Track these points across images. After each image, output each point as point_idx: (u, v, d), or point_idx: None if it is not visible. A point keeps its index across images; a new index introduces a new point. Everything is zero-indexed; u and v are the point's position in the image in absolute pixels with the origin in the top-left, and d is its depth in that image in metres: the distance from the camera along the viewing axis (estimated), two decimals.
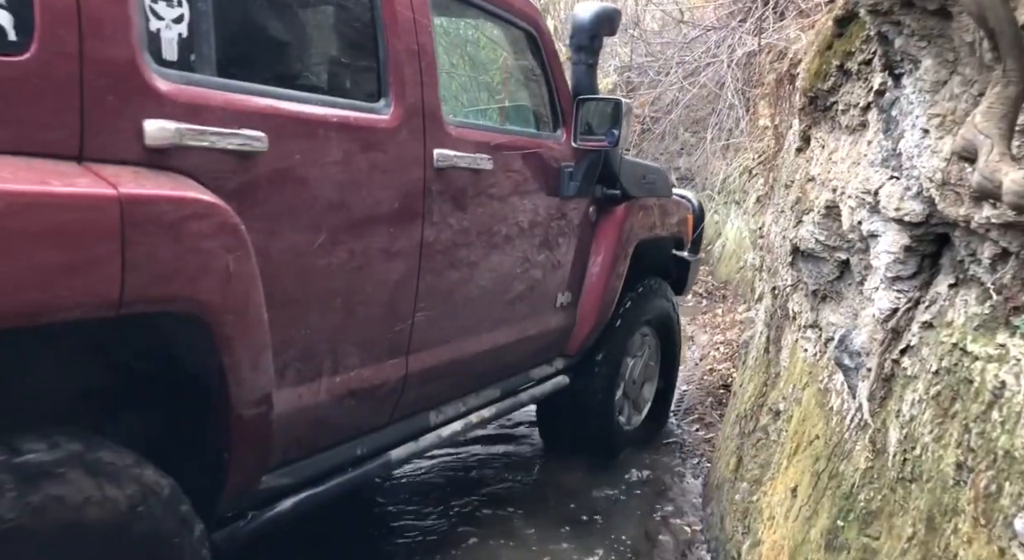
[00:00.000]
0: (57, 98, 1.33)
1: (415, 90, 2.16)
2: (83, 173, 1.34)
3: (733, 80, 6.71)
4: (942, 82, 1.56)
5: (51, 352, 1.44)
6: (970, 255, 1.52)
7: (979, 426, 1.36)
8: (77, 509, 1.27)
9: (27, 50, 1.28)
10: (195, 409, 1.65)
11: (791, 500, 2.17)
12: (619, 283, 3.29)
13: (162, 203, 1.41)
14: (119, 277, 1.33)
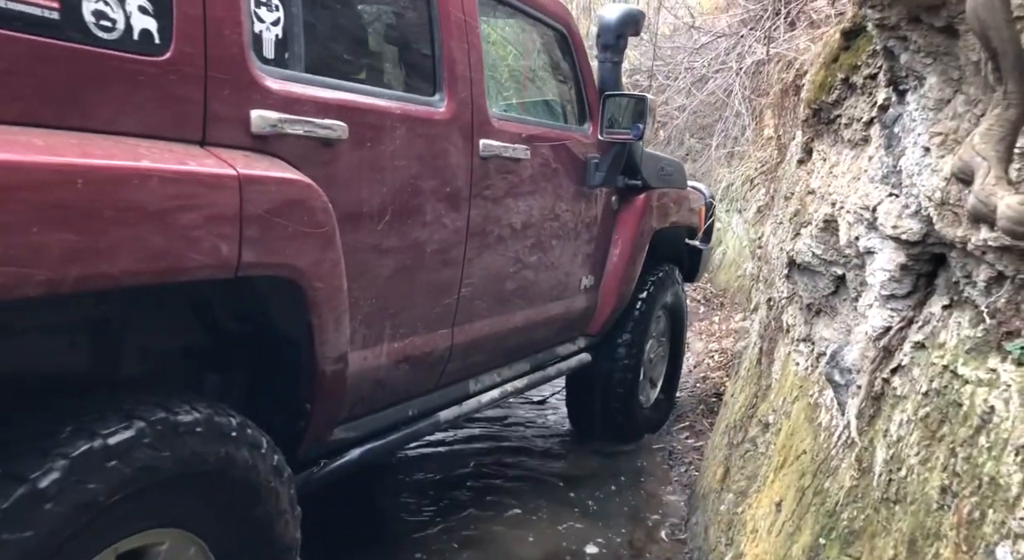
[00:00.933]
0: (188, 91, 1.54)
1: (465, 85, 2.38)
2: (207, 155, 1.56)
3: (741, 88, 6.69)
4: (946, 100, 1.54)
5: (163, 314, 1.67)
6: (965, 277, 1.50)
7: (966, 451, 1.34)
8: (207, 460, 1.52)
9: (167, 51, 1.50)
10: (284, 365, 1.86)
11: (775, 514, 2.16)
12: (638, 269, 3.54)
13: (270, 182, 1.63)
14: (238, 244, 1.55)
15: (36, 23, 1.30)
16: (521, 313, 2.88)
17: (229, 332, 1.83)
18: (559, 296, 3.13)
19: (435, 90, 2.32)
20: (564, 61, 3.22)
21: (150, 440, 1.41)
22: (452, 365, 2.54)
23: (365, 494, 3.20)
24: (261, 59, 1.74)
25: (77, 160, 1.30)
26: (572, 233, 3.12)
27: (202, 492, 1.56)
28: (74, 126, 1.36)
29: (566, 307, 3.21)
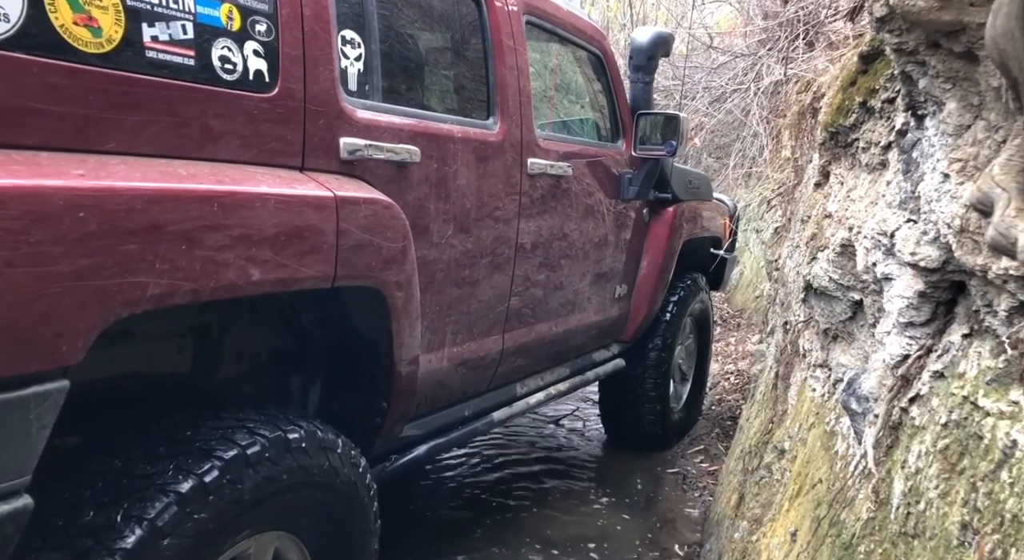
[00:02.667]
0: (291, 123, 1.74)
1: (515, 108, 2.58)
2: (308, 180, 1.75)
3: (759, 108, 6.66)
4: (966, 126, 1.52)
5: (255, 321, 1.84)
6: (986, 306, 1.47)
7: (987, 485, 1.30)
8: (310, 471, 1.72)
9: (275, 88, 1.70)
10: (364, 367, 2.04)
11: (790, 544, 2.11)
12: (668, 278, 3.73)
13: (360, 203, 1.83)
14: (334, 257, 1.74)
15: (177, 69, 1.52)
16: (562, 320, 3.06)
17: (312, 337, 2.01)
18: (596, 304, 3.31)
19: (488, 114, 2.53)
20: (599, 81, 3.41)
21: (271, 455, 1.62)
22: (502, 369, 2.73)
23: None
24: (347, 91, 1.94)
25: (214, 187, 1.50)
26: (608, 244, 3.31)
27: (303, 498, 1.74)
28: (204, 156, 1.56)
29: (602, 314, 3.39)
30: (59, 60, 1.33)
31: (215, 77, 1.58)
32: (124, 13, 1.43)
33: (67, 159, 1.33)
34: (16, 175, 1.21)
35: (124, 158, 1.42)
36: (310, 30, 1.79)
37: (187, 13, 1.54)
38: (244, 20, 1.65)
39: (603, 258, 3.29)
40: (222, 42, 1.60)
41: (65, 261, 1.24)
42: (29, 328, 1.20)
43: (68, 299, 1.25)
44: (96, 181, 1.32)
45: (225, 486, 1.52)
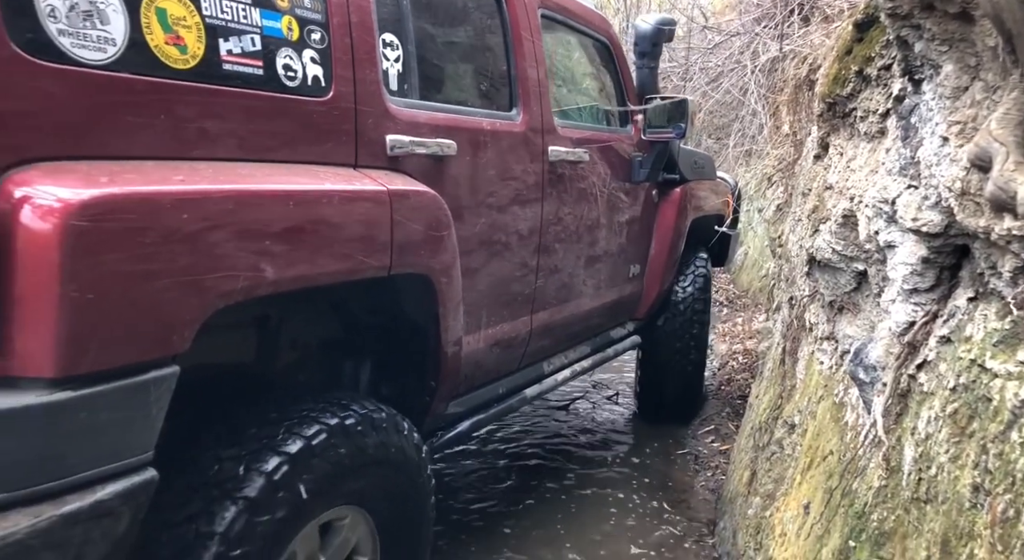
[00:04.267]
0: (344, 124, 1.87)
1: (535, 99, 2.70)
2: (363, 176, 1.88)
3: (756, 86, 6.62)
4: (963, 88, 1.50)
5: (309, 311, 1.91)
6: (990, 268, 1.46)
7: (997, 447, 1.30)
8: (382, 447, 1.86)
9: (329, 92, 1.84)
10: (413, 350, 2.16)
11: (803, 517, 2.11)
12: (678, 256, 3.86)
13: (410, 195, 1.95)
14: (390, 248, 1.86)
15: (249, 79, 1.65)
16: (584, 300, 3.18)
17: (362, 324, 2.10)
18: (613, 284, 3.44)
19: (512, 105, 2.65)
20: (608, 68, 3.53)
21: (362, 429, 1.80)
22: (530, 348, 2.85)
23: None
24: (390, 91, 2.07)
25: (290, 187, 1.64)
26: (623, 226, 3.43)
27: (377, 474, 1.88)
28: (273, 158, 1.69)
29: (619, 293, 3.52)
30: (154, 77, 1.47)
31: (280, 84, 1.73)
32: (204, 30, 1.57)
33: (166, 166, 1.47)
34: (131, 183, 1.36)
35: (209, 163, 1.56)
36: (357, 36, 1.93)
37: (255, 27, 1.68)
38: (302, 30, 1.79)
39: (618, 239, 3.41)
40: (284, 51, 1.75)
41: (174, 259, 1.39)
42: (147, 320, 1.36)
43: (177, 293, 1.40)
44: (194, 185, 1.46)
45: (328, 450, 1.70)
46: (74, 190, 1.27)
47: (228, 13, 1.61)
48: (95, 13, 1.38)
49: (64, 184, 1.27)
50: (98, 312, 1.28)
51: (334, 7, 1.86)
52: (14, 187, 1.25)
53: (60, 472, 1.27)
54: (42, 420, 1.24)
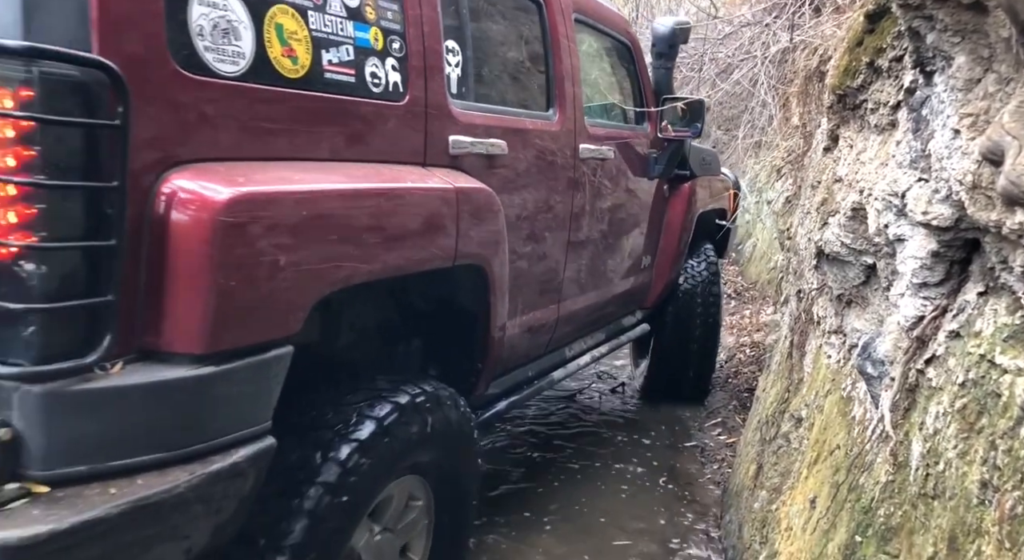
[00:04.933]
0: (416, 125, 2.04)
1: (570, 100, 2.87)
2: (432, 174, 2.06)
3: (766, 77, 6.56)
4: (976, 80, 1.48)
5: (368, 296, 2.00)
6: (1001, 262, 1.44)
7: (1006, 443, 1.29)
8: (445, 423, 2.03)
9: (405, 97, 2.01)
10: (463, 334, 2.31)
11: (809, 511, 2.10)
12: (686, 248, 4.04)
13: (471, 192, 2.14)
14: (455, 240, 2.04)
15: (344, 86, 1.82)
16: (603, 289, 3.35)
17: (416, 309, 2.22)
18: (628, 274, 3.62)
19: (548, 106, 2.82)
20: (629, 68, 3.72)
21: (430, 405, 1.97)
22: (556, 334, 3.01)
23: None
24: (451, 95, 2.22)
25: (382, 184, 1.83)
26: (639, 219, 3.63)
27: (437, 446, 2.03)
28: (362, 158, 1.85)
29: (632, 283, 3.70)
30: (273, 86, 1.63)
31: (368, 90, 1.89)
32: (311, 43, 1.73)
33: (283, 166, 1.63)
34: (261, 182, 1.53)
35: (315, 163, 1.72)
36: (428, 44, 2.10)
37: (349, 38, 1.84)
38: (385, 40, 1.96)
39: (635, 232, 3.60)
40: (372, 60, 1.91)
41: (295, 250, 1.56)
42: (272, 305, 1.54)
43: (296, 281, 1.58)
44: (310, 184, 1.63)
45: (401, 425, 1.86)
46: (219, 189, 1.43)
47: (329, 26, 1.78)
48: (231, 30, 1.55)
49: (211, 184, 1.43)
50: (236, 297, 1.46)
51: (411, 18, 2.03)
52: (170, 187, 1.41)
53: (205, 436, 1.46)
54: (193, 390, 1.42)
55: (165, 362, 1.41)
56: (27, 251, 1.26)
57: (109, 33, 1.32)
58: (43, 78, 1.24)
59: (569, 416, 4.32)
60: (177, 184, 1.41)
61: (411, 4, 2.05)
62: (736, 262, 8.97)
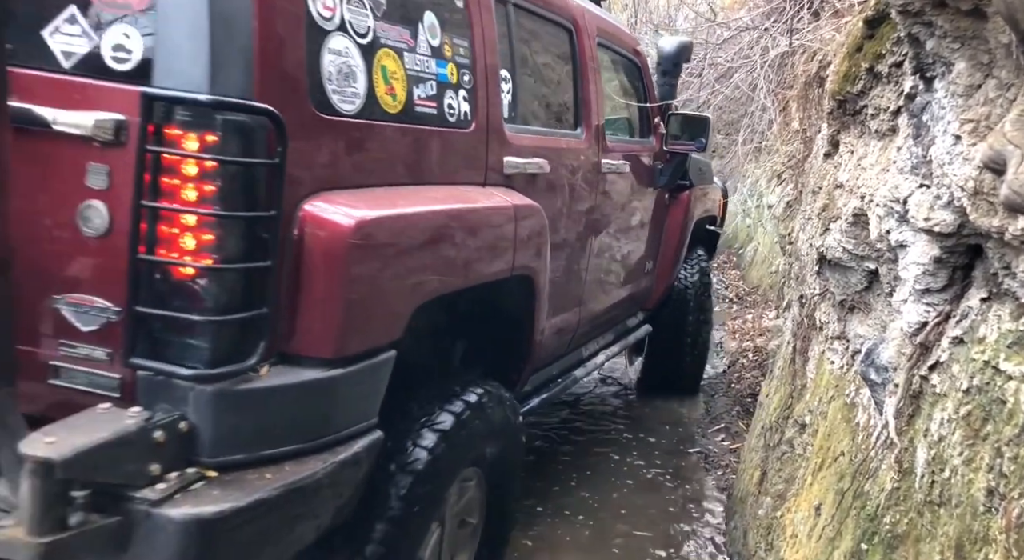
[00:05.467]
0: (479, 150, 2.25)
1: (594, 119, 3.10)
2: (491, 194, 2.25)
3: (766, 82, 6.56)
4: (976, 86, 1.48)
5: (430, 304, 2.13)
6: (1004, 268, 1.44)
7: (1012, 450, 1.28)
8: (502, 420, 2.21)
9: (472, 124, 2.21)
10: (508, 337, 2.48)
11: (815, 518, 2.10)
12: (684, 253, 4.29)
13: (524, 208, 2.33)
14: (512, 253, 2.24)
15: (428, 118, 2.01)
16: (615, 292, 3.56)
17: (465, 313, 2.32)
18: (635, 278, 3.82)
19: (577, 124, 3.05)
20: (638, 85, 3.95)
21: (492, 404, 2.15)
22: (577, 335, 3.18)
23: None
24: (504, 119, 2.41)
25: (463, 205, 2.06)
26: (644, 226, 3.83)
27: (494, 439, 2.20)
28: (439, 181, 2.05)
29: (638, 287, 3.90)
30: (378, 120, 1.83)
31: (445, 120, 2.08)
32: (406, 80, 1.93)
33: (388, 191, 1.83)
34: (377, 207, 1.72)
35: (406, 188, 1.92)
36: (490, 75, 2.31)
37: (433, 74, 2.04)
38: (458, 74, 2.16)
39: (642, 239, 3.81)
40: (448, 93, 2.10)
41: (402, 265, 1.79)
42: (383, 314, 1.75)
43: (401, 292, 1.79)
44: (412, 207, 1.86)
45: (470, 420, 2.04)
46: (348, 215, 1.63)
47: (419, 65, 1.99)
48: (350, 74, 1.75)
49: (340, 210, 1.63)
50: (358, 308, 1.67)
51: (477, 53, 2.24)
52: (306, 214, 1.59)
53: (333, 429, 1.67)
54: (325, 389, 1.63)
55: (300, 365, 1.60)
56: (204, 271, 1.45)
57: (267, 84, 1.53)
58: (224, 124, 1.44)
59: (568, 420, 4.31)
60: (312, 211, 1.60)
61: (477, 41, 2.25)
62: (738, 266, 8.96)
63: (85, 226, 1.50)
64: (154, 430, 1.41)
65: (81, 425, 1.37)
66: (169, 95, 1.42)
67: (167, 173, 1.44)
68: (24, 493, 1.27)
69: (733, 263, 9.21)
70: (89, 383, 1.52)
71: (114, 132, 1.45)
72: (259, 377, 1.53)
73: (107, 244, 1.49)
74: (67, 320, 1.53)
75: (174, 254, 1.45)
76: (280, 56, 1.57)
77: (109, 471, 1.35)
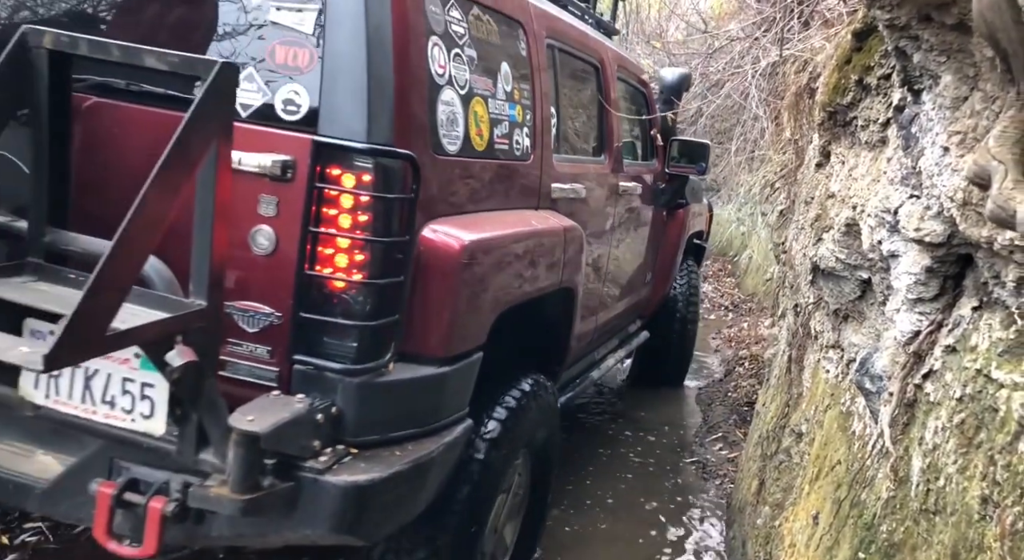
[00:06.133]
0: (534, 179, 2.55)
1: (614, 144, 3.46)
2: (544, 217, 2.55)
3: (758, 91, 6.61)
4: (963, 98, 1.51)
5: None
6: (994, 277, 1.46)
7: (1005, 458, 1.30)
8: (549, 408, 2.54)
9: (531, 157, 2.54)
10: (547, 342, 2.79)
11: (812, 528, 2.10)
12: (678, 266, 4.71)
13: (569, 229, 2.64)
14: (561, 269, 2.56)
15: (501, 153, 2.33)
16: (623, 301, 3.85)
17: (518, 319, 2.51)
18: (637, 288, 4.12)
19: (601, 151, 3.39)
20: (642, 112, 4.29)
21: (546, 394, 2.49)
22: (593, 340, 3.46)
23: None
24: (551, 149, 2.70)
25: (532, 227, 2.39)
26: (649, 242, 4.15)
27: (543, 425, 2.50)
28: (507, 207, 2.36)
29: (639, 296, 4.21)
30: (470, 158, 2.16)
31: (513, 155, 2.41)
32: (489, 122, 2.26)
33: (476, 218, 2.14)
34: (475, 230, 2.05)
35: (487, 214, 2.23)
36: (544, 113, 2.62)
37: (506, 116, 2.37)
38: (523, 114, 2.48)
39: (645, 253, 4.11)
40: (516, 131, 2.42)
41: (492, 279, 2.11)
42: (477, 321, 2.07)
43: (490, 303, 2.11)
44: (495, 231, 2.17)
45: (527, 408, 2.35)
46: (458, 237, 1.96)
47: (497, 109, 2.31)
48: (454, 119, 2.07)
49: (451, 234, 1.95)
50: (463, 315, 1.99)
51: (536, 94, 2.57)
52: (426, 236, 1.90)
53: (440, 417, 1.98)
54: (437, 383, 1.94)
55: (417, 362, 1.90)
56: (354, 285, 1.76)
57: (402, 133, 1.84)
58: (376, 166, 1.76)
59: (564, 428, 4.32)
60: (429, 236, 1.92)
61: (536, 83, 2.60)
62: (732, 274, 8.99)
63: (255, 246, 1.79)
64: (316, 413, 1.71)
65: (266, 407, 1.66)
66: (337, 143, 1.75)
67: (328, 204, 1.75)
68: (231, 459, 1.57)
69: (728, 271, 9.24)
70: (251, 374, 1.81)
71: (283, 170, 1.76)
72: (388, 372, 1.84)
73: (272, 261, 1.79)
74: (235, 322, 1.80)
75: (328, 270, 1.76)
76: (411, 109, 1.89)
77: (290, 443, 1.65)
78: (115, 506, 1.64)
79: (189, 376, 1.52)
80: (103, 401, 1.71)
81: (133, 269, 1.41)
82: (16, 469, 1.80)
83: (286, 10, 1.83)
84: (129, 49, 1.59)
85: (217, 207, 1.53)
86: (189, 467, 1.66)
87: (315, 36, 1.80)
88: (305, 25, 1.81)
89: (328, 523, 1.71)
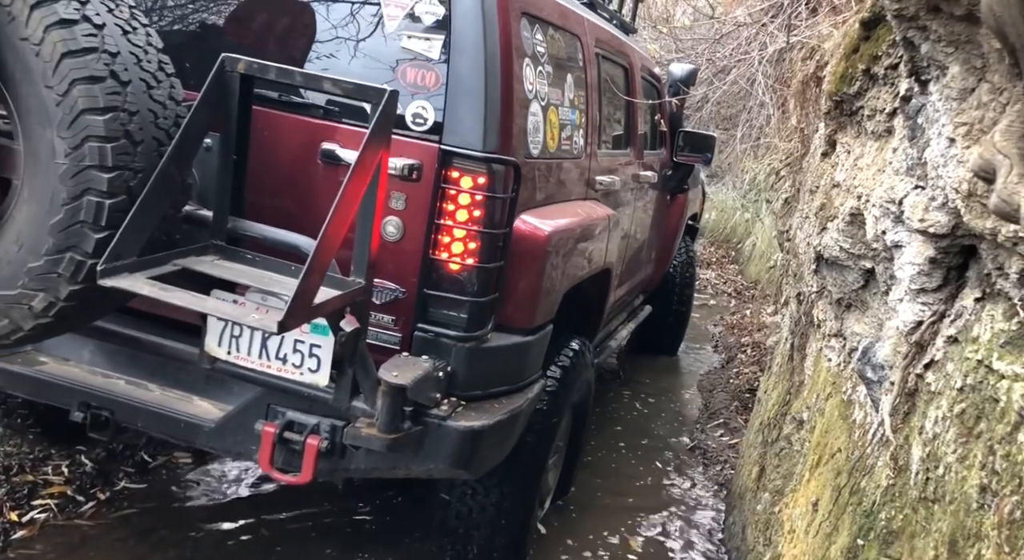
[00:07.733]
0: (584, 172, 2.88)
1: (637, 136, 3.83)
2: (592, 207, 2.89)
3: (764, 77, 6.57)
4: (970, 89, 1.50)
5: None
6: (997, 269, 1.46)
7: (1004, 448, 1.31)
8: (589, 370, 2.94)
9: (584, 154, 2.87)
10: (591, 309, 3.17)
11: (812, 514, 2.13)
12: (678, 246, 5.13)
13: (611, 216, 3.01)
14: (605, 252, 2.96)
15: (565, 152, 2.66)
16: (633, 279, 4.14)
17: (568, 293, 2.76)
18: (644, 266, 4.40)
19: (628, 144, 3.75)
20: (654, 105, 4.57)
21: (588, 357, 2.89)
22: (610, 313, 3.74)
23: None
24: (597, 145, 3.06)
25: (591, 215, 2.76)
26: (656, 223, 4.44)
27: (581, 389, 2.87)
28: (568, 199, 2.69)
29: (646, 273, 4.52)
30: (546, 159, 2.50)
31: (572, 153, 2.74)
32: (559, 127, 2.60)
33: (549, 209, 2.48)
34: (553, 219, 2.42)
35: (555, 205, 2.56)
36: (592, 114, 2.97)
37: (569, 120, 2.71)
38: (580, 116, 2.83)
39: (653, 233, 4.41)
40: (575, 132, 2.78)
41: (564, 261, 2.48)
42: (551, 298, 2.43)
43: (561, 282, 2.47)
44: (566, 219, 2.53)
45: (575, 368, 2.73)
46: (543, 225, 2.33)
47: (564, 115, 2.67)
48: (538, 127, 2.42)
49: (537, 224, 2.32)
50: (544, 293, 2.36)
51: (588, 98, 2.92)
52: (517, 227, 2.23)
53: (524, 377, 2.37)
54: (524, 349, 2.33)
55: (508, 332, 2.28)
56: (468, 268, 2.13)
57: (505, 141, 2.19)
58: (489, 170, 2.11)
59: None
60: (520, 226, 2.26)
61: (589, 88, 2.95)
62: (736, 261, 8.99)
63: (385, 234, 2.11)
64: (438, 371, 2.09)
65: (403, 365, 2.04)
66: (459, 151, 2.10)
67: (448, 201, 2.11)
68: (380, 406, 1.95)
69: (732, 257, 9.23)
70: (377, 339, 2.14)
71: (411, 172, 2.10)
72: (488, 340, 2.21)
73: (399, 247, 2.14)
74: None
75: (446, 255, 2.12)
76: (512, 122, 2.24)
77: (422, 394, 2.02)
78: (277, 442, 2.04)
79: (352, 339, 1.90)
80: (276, 357, 2.06)
81: (330, 257, 1.75)
82: (186, 411, 2.19)
83: (416, 38, 2.17)
84: (310, 76, 1.99)
85: (378, 204, 1.88)
86: (339, 412, 2.05)
87: (441, 62, 2.14)
88: (432, 51, 2.15)
89: (448, 459, 2.08)
